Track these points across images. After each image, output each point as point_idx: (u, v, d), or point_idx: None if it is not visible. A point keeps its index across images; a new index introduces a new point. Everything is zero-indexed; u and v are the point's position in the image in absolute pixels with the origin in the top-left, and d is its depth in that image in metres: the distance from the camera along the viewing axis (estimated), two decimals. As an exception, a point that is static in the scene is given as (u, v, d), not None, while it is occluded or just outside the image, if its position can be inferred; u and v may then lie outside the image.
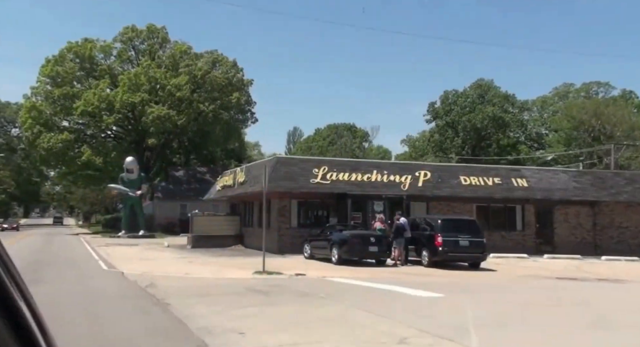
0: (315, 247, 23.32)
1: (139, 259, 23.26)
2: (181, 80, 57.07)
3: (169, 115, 55.19)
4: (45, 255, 25.70)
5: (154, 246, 34.24)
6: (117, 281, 14.94)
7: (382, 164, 29.42)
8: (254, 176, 28.77)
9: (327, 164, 27.54)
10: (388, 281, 15.64)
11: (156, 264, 21.11)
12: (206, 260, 23.30)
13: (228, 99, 60.24)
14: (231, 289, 13.31)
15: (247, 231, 32.39)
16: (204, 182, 61.58)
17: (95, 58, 60.37)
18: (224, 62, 62.38)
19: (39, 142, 56.17)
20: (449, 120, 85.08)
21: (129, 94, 54.97)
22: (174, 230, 55.22)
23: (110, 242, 40.09)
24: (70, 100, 56.88)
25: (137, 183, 51.27)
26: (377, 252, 20.78)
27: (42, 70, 58.72)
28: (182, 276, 16.53)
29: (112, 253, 27.53)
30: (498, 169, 31.30)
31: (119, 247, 32.98)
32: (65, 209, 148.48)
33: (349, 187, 27.05)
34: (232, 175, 32.13)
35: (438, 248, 19.87)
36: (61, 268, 18.88)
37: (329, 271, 18.45)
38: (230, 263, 21.67)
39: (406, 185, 27.52)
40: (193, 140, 73.58)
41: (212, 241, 32.27)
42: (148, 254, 26.99)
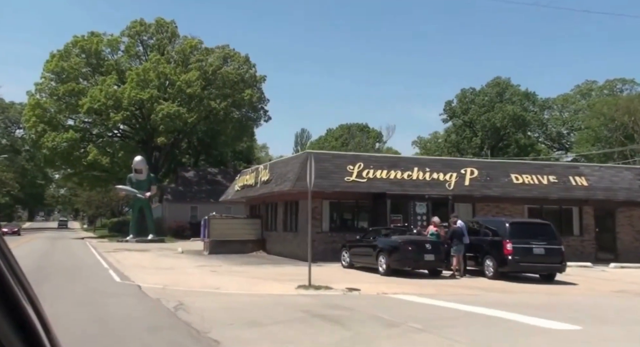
0: (356, 254, 20.37)
1: (154, 268, 20.36)
2: (191, 76, 54.26)
3: (179, 113, 52.37)
4: (48, 262, 22.83)
5: (166, 252, 31.37)
6: (136, 300, 12.03)
7: (423, 160, 26.42)
8: (280, 173, 25.89)
9: (363, 160, 24.59)
10: (466, 299, 12.72)
11: (176, 274, 18.21)
12: (231, 269, 20.39)
13: (240, 96, 57.35)
14: (285, 312, 10.40)
15: (270, 236, 29.50)
16: (215, 184, 58.74)
17: (102, 53, 57.63)
18: (236, 58, 59.46)
19: (43, 142, 53.38)
20: (467, 119, 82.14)
21: (137, 91, 52.17)
22: (184, 234, 52.39)
23: (119, 247, 37.22)
24: (76, 97, 54.14)
25: (146, 184, 48.42)
26: (433, 261, 17.81)
27: (47, 65, 55.98)
28: (213, 292, 13.62)
29: (123, 260, 24.65)
30: (553, 166, 28.23)
31: (129, 253, 30.11)
32: (70, 212, 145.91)
33: (387, 186, 24.12)
34: (254, 173, 29.24)
35: (507, 257, 16.88)
36: (65, 280, 15.99)
37: (382, 284, 15.53)
38: (261, 274, 18.74)
39: (451, 184, 24.56)
40: (203, 140, 70.79)
41: (230, 247, 29.41)
42: (163, 262, 24.09)
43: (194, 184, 58.57)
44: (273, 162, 28.02)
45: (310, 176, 14.55)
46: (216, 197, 56.64)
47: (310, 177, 14.58)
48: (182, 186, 58.00)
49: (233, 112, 59.55)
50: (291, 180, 23.56)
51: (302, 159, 24.11)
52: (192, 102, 55.52)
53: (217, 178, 60.46)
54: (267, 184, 26.76)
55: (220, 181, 59.73)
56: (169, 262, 23.75)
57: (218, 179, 60.27)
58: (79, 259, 26.00)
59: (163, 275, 17.80)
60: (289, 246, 26.26)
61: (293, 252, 25.65)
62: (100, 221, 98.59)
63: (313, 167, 14.64)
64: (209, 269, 20.44)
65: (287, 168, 25.19)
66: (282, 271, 19.76)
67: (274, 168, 26.92)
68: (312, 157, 24.17)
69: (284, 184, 24.28)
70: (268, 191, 26.11)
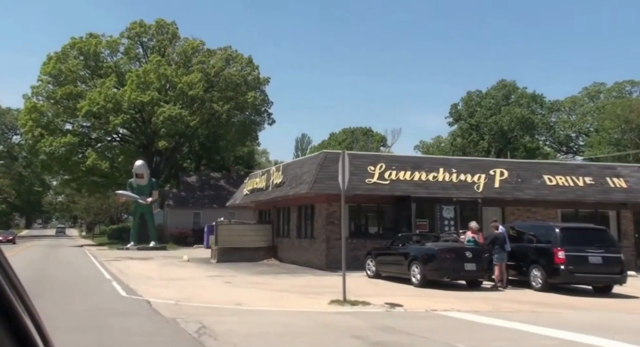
0: (384, 263, 18.53)
1: (162, 279, 18.52)
2: (193, 78, 52.49)
3: (181, 116, 50.55)
4: (43, 273, 20.99)
5: (171, 260, 29.51)
6: (148, 322, 10.18)
7: (449, 160, 24.57)
8: (294, 176, 24.09)
9: (384, 160, 22.78)
10: (535, 318, 10.97)
11: (188, 287, 16.36)
12: (246, 280, 18.55)
13: (244, 98, 55.55)
14: (334, 340, 8.57)
15: (282, 243, 27.67)
16: (218, 189, 56.92)
17: (100, 55, 55.82)
18: (239, 59, 57.66)
19: (40, 146, 51.52)
20: (473, 122, 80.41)
21: (138, 93, 50.36)
22: (186, 241, 50.59)
23: (120, 255, 35.35)
24: (74, 100, 52.28)
25: (147, 190, 46.56)
26: (475, 271, 15.97)
27: (44, 68, 54.15)
28: (236, 309, 11.80)
29: (126, 270, 22.81)
30: (587, 166, 26.35)
31: (132, 262, 28.25)
32: (68, 219, 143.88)
33: (412, 189, 22.32)
34: (265, 176, 27.42)
35: (559, 267, 15.04)
36: (63, 296, 14.15)
37: (423, 299, 13.71)
38: (282, 285, 16.90)
39: (480, 186, 22.76)
40: (204, 144, 68.96)
41: (240, 254, 27.58)
42: (170, 272, 22.25)
43: (197, 189, 56.71)
44: (287, 163, 26.24)
45: (344, 175, 12.76)
46: (219, 202, 54.83)
47: (343, 177, 12.79)
48: (184, 191, 56.16)
49: (236, 115, 57.77)
50: (308, 182, 21.78)
51: (319, 160, 22.35)
52: (194, 104, 53.77)
53: (220, 183, 58.62)
54: (280, 187, 24.96)
55: (223, 186, 57.91)
56: (176, 272, 21.90)
57: (221, 184, 58.43)
58: (78, 269, 24.12)
59: (173, 288, 15.96)
60: (305, 254, 24.45)
61: (309, 260, 23.85)
62: (99, 228, 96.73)
63: (347, 165, 12.86)
64: (222, 279, 18.61)
65: (303, 169, 23.41)
66: (304, 282, 17.93)
67: (288, 170, 25.12)
68: (322, 158, 22.50)
69: (299, 187, 22.48)
70: (282, 195, 24.29)
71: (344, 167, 12.72)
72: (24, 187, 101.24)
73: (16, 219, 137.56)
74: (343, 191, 13.07)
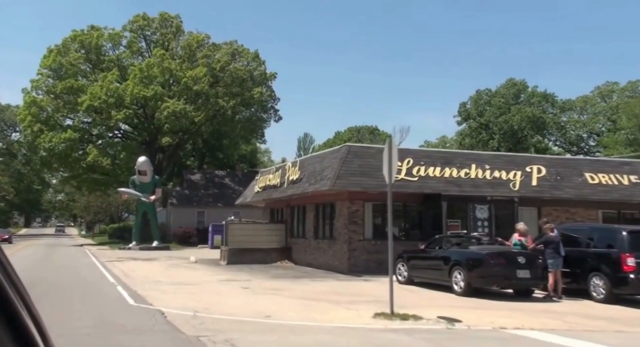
0: (418, 268, 16.65)
1: (172, 284, 16.66)
2: (198, 72, 50.64)
3: (185, 111, 48.71)
4: (41, 276, 19.07)
5: (177, 261, 27.65)
6: (167, 341, 8.33)
7: (482, 156, 22.59)
8: (313, 171, 22.24)
9: (412, 155, 20.91)
10: (616, 339, 9.14)
11: (202, 293, 14.52)
12: (265, 285, 16.70)
13: (250, 94, 53.65)
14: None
15: (297, 244, 25.83)
16: (223, 187, 55.09)
17: (102, 48, 53.95)
18: (245, 54, 55.71)
19: (40, 142, 49.60)
20: (483, 121, 78.61)
21: (141, 87, 48.50)
22: (190, 241, 48.76)
23: (122, 255, 33.51)
24: (75, 94, 50.42)
25: (150, 187, 44.70)
26: (529, 279, 14.09)
27: (44, 61, 52.30)
28: (265, 323, 9.96)
29: (131, 272, 20.97)
30: (632, 163, 24.39)
31: (136, 263, 26.42)
32: (68, 218, 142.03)
33: (442, 186, 20.48)
34: (279, 172, 25.57)
35: (627, 275, 13.19)
36: (61, 304, 12.30)
37: (476, 311, 11.88)
38: (307, 292, 15.04)
39: (516, 183, 20.91)
40: (208, 142, 67.14)
41: (251, 256, 25.75)
42: (178, 274, 20.40)
43: (201, 187, 54.84)
44: (304, 158, 24.36)
45: (391, 167, 10.87)
46: (224, 201, 53.01)
47: (390, 168, 10.89)
48: (188, 189, 54.28)
49: (242, 112, 55.88)
50: (330, 178, 19.93)
51: (341, 154, 20.50)
52: (199, 100, 51.90)
53: (224, 181, 56.77)
54: (297, 183, 23.11)
55: (228, 184, 56.08)
56: (185, 275, 20.03)
57: (226, 182, 56.59)
58: (79, 271, 22.26)
59: (186, 294, 14.11)
60: (323, 256, 22.61)
61: (327, 263, 22.02)
62: (99, 227, 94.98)
63: (395, 155, 10.96)
64: (238, 284, 16.76)
65: (323, 164, 21.56)
66: (328, 288, 16.09)
67: (305, 165, 23.25)
68: (345, 152, 20.61)
69: (320, 183, 20.62)
70: (299, 192, 22.42)
71: (391, 157, 10.83)
72: (23, 185, 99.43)
73: (15, 218, 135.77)
74: (390, 185, 11.17)
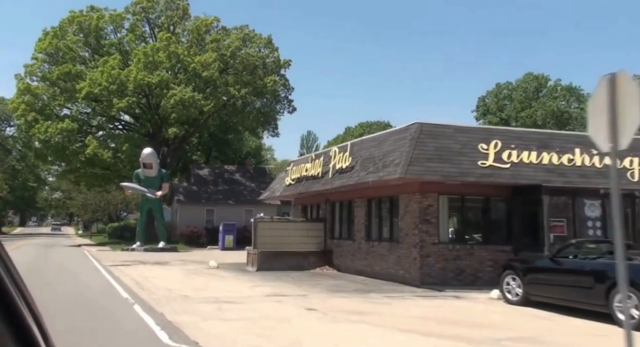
0: (543, 283, 12.29)
1: (208, 302, 12.40)
2: (208, 58, 46.29)
3: (193, 99, 44.37)
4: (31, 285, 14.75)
5: (195, 267, 23.40)
6: None
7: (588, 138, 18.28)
8: (369, 157, 18.00)
9: (499, 135, 16.64)
10: None
11: (258, 318, 10.30)
12: (331, 304, 12.46)
13: (262, 82, 49.33)
14: None
15: (340, 246, 21.60)
16: (233, 183, 50.82)
17: (103, 31, 49.58)
18: (256, 40, 51.27)
19: (34, 133, 45.19)
20: (504, 116, 74.52)
21: (145, 73, 44.17)
22: (199, 241, 44.53)
23: (127, 257, 29.25)
24: (73, 81, 46.05)
25: (156, 182, 40.41)
26: None
27: (39, 44, 47.89)
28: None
29: (145, 281, 16.72)
30: None
31: (146, 268, 22.17)
32: (64, 217, 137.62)
33: (542, 176, 16.23)
34: (320, 160, 21.29)
35: None
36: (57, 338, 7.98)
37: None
38: (401, 317, 10.83)
39: (635, 173, 16.73)
40: (215, 135, 62.82)
41: (285, 260, 21.54)
42: (207, 285, 16.16)
43: (210, 183, 50.51)
44: (355, 141, 20.02)
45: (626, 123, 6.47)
46: (235, 198, 48.80)
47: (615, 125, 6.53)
48: (196, 185, 49.94)
49: (254, 102, 51.50)
50: (399, 164, 15.68)
51: (411, 133, 16.23)
52: (208, 88, 47.58)
53: (235, 177, 52.46)
54: (348, 172, 18.83)
55: (239, 180, 51.81)
56: (216, 287, 15.77)
57: (236, 177, 52.28)
58: (80, 280, 17.98)
59: (238, 322, 9.86)
60: (380, 263, 18.38)
61: (387, 271, 17.80)
62: (97, 226, 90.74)
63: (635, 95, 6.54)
64: (295, 303, 12.53)
65: (384, 148, 17.31)
66: (429, 312, 11.88)
67: (358, 150, 18.97)
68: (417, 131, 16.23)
69: (384, 171, 16.35)
70: (354, 182, 18.09)
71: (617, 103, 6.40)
72: (17, 183, 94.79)
73: (10, 216, 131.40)
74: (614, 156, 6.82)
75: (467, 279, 16.27)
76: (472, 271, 16.38)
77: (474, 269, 16.40)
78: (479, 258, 16.44)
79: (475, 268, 16.40)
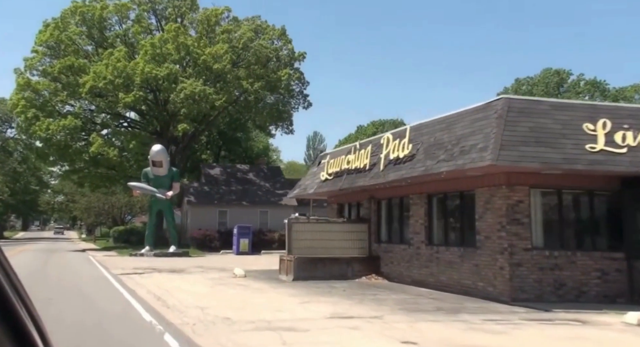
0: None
1: (259, 328, 9.28)
2: (219, 49, 43.15)
3: (205, 93, 41.25)
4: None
5: (217, 275, 20.27)
6: None
7: None
8: (436, 142, 14.83)
9: (606, 113, 13.42)
10: None
11: None
12: (419, 328, 9.44)
13: (276, 76, 46.17)
14: None
15: (389, 251, 18.43)
16: (247, 183, 47.66)
17: (106, 22, 46.50)
18: (269, 31, 48.06)
19: (35, 130, 42.10)
20: (525, 112, 71.30)
21: (153, 66, 41.09)
22: (211, 245, 41.36)
23: (138, 264, 26.15)
24: (76, 74, 42.98)
25: (166, 181, 37.25)
26: None
27: (39, 37, 44.88)
28: None
29: (167, 296, 13.58)
30: None
31: (162, 277, 19.06)
32: (68, 221, 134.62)
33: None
34: (367, 150, 18.08)
35: None
36: None
37: None
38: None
39: None
40: (225, 134, 59.72)
41: (325, 268, 18.43)
42: (245, 301, 13.01)
43: (222, 183, 47.32)
44: (416, 125, 16.76)
45: None
46: (249, 199, 45.67)
47: None
48: (207, 185, 46.77)
49: (267, 96, 48.30)
50: (487, 149, 12.50)
51: (499, 111, 13.04)
52: (219, 82, 44.43)
53: (248, 176, 49.26)
54: (407, 162, 15.62)
55: (252, 179, 48.64)
56: (257, 304, 12.61)
57: (250, 177, 49.10)
58: (87, 295, 14.81)
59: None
60: (448, 272, 15.18)
61: (459, 283, 14.63)
62: (100, 230, 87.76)
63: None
64: (374, 328, 9.41)
65: (459, 130, 14.10)
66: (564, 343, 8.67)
67: (417, 135, 15.76)
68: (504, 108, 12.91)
69: (465, 158, 13.15)
70: (418, 173, 14.83)
71: None
72: (19, 186, 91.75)
73: (12, 221, 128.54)
74: None
75: (569, 295, 13.10)
76: (575, 284, 13.19)
77: (577, 282, 13.21)
78: (583, 268, 13.25)
79: (579, 280, 13.22)
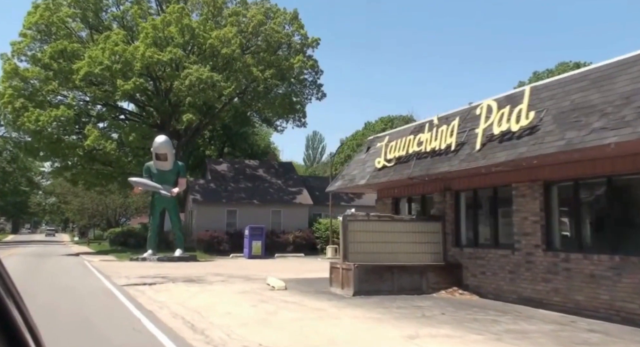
0: None
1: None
2: (227, 32, 39.00)
3: (212, 80, 37.14)
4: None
5: (248, 286, 16.18)
6: None
7: None
8: (572, 108, 10.75)
9: None
10: None
11: None
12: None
13: (288, 63, 42.08)
14: None
15: (477, 257, 14.33)
16: (256, 180, 43.55)
17: (103, 2, 42.27)
18: (279, 15, 43.94)
19: (23, 122, 37.78)
20: (545, 106, 67.53)
21: (154, 50, 36.91)
22: (220, 248, 37.28)
23: (142, 271, 22.01)
24: (69, 60, 38.74)
25: (171, 177, 33.03)
26: None
27: (28, 19, 40.57)
28: None
29: (198, 319, 9.54)
30: None
31: (180, 290, 14.94)
32: (59, 223, 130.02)
33: None
34: (450, 126, 13.97)
35: None
36: None
37: None
38: None
39: None
40: (229, 128, 55.49)
41: (394, 279, 14.39)
42: (316, 330, 8.99)
43: (229, 180, 43.16)
44: (533, 86, 12.54)
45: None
46: (260, 197, 41.57)
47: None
48: (214, 182, 42.60)
49: (277, 86, 44.15)
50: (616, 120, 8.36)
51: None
52: (227, 70, 40.30)
53: (258, 173, 45.14)
54: (525, 137, 11.51)
55: (263, 176, 44.54)
56: (347, 342, 8.46)
57: (260, 173, 44.98)
58: (91, 320, 10.61)
59: None
60: (589, 290, 10.99)
61: (612, 305, 10.46)
62: (94, 233, 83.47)
63: None
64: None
65: (618, 88, 10.02)
66: None
67: (540, 100, 11.68)
68: None
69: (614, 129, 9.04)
70: (556, 150, 10.54)
71: None
72: (8, 187, 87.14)
73: (1, 223, 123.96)
74: None
75: None
76: None
77: None
78: None
79: None
